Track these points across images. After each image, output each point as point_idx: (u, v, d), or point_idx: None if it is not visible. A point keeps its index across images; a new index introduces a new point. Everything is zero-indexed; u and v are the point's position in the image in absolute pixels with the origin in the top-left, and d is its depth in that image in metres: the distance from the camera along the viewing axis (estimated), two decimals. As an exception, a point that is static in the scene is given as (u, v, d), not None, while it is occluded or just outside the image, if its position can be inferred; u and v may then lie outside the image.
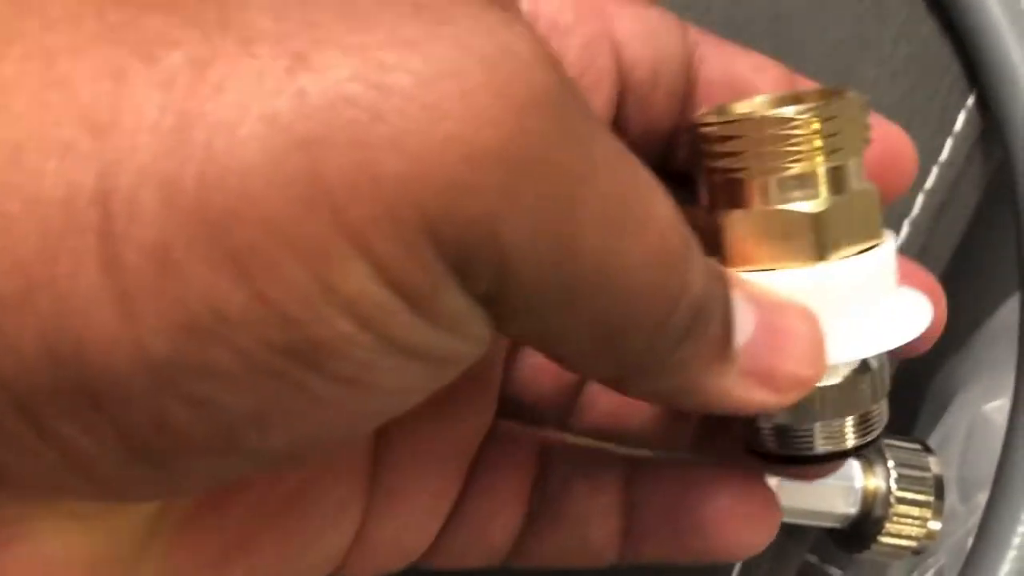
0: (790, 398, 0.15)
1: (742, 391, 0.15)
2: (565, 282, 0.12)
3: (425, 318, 0.11)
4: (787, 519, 0.27)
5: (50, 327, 0.10)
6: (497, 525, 0.19)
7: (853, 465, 0.27)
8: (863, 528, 0.27)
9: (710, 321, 0.14)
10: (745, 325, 0.15)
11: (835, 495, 0.26)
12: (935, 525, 0.26)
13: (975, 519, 0.30)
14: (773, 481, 0.20)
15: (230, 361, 0.11)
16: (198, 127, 0.10)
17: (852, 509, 0.26)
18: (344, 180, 0.10)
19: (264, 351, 0.11)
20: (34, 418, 0.11)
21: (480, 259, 0.11)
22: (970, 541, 0.29)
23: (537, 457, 0.19)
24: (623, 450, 0.20)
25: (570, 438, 0.20)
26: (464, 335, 0.12)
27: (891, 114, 0.31)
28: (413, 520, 0.18)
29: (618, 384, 0.15)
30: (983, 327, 0.37)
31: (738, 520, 0.18)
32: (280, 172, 0.10)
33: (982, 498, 0.30)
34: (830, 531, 0.28)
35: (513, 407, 0.20)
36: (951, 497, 0.30)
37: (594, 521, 0.19)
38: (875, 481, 0.26)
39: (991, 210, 0.34)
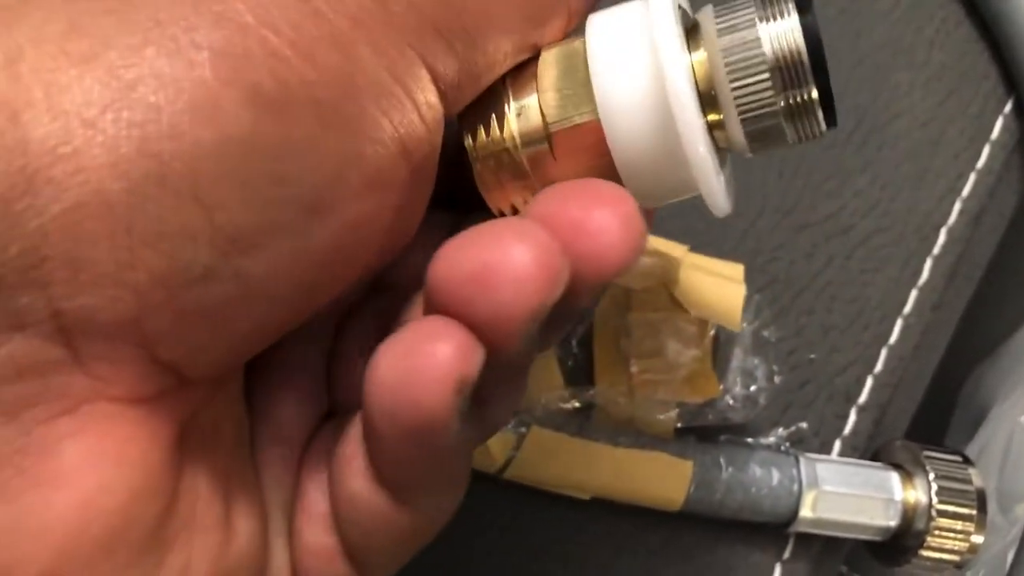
0: None
1: None
2: None
3: (417, 110, 0.14)
4: (826, 531, 0.26)
5: (133, 120, 0.12)
6: (316, 531, 0.17)
7: (893, 477, 0.26)
8: (904, 541, 0.26)
9: None
10: None
11: (875, 507, 0.26)
12: (978, 539, 0.26)
13: (1016, 531, 0.29)
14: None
15: (298, 141, 0.13)
16: None
17: (892, 522, 0.26)
18: None
19: (320, 129, 0.13)
20: (130, 224, 0.13)
21: (433, 40, 0.14)
22: (1011, 555, 0.28)
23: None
24: None
25: None
26: (433, 134, 0.15)
27: (926, 121, 0.31)
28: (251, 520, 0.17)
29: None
30: (1017, 335, 0.37)
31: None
32: None
33: (1021, 510, 0.30)
34: (868, 544, 0.27)
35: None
36: (991, 509, 0.30)
37: None
38: (915, 494, 0.26)
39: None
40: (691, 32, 0.16)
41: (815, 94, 0.15)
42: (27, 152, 0.12)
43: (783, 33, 0.15)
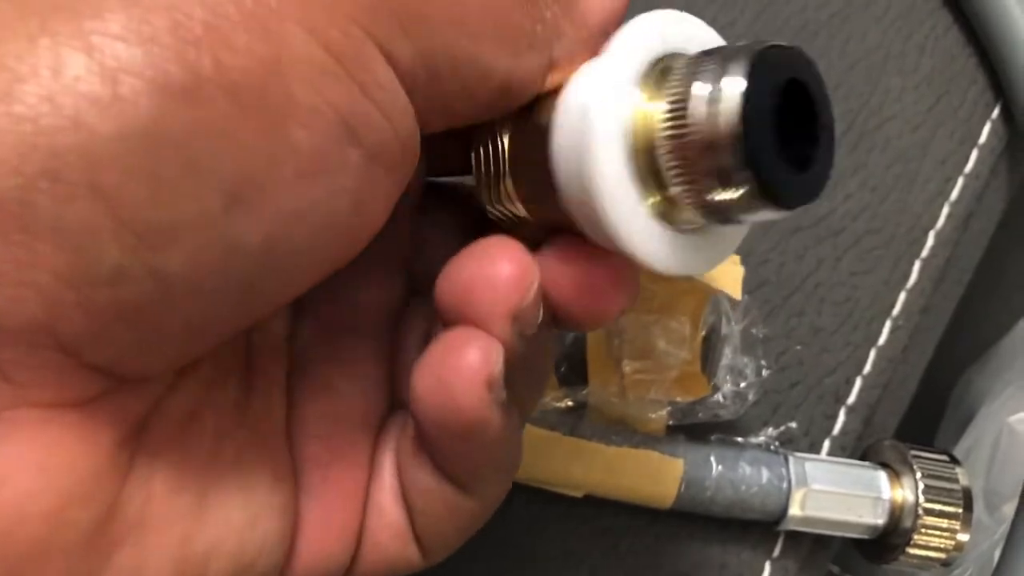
0: None
1: None
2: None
3: (361, 88, 0.14)
4: (815, 529, 0.27)
5: (44, 111, 0.12)
6: (390, 518, 0.18)
7: (881, 476, 0.27)
8: (891, 539, 0.26)
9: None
10: None
11: (863, 506, 0.26)
12: (963, 537, 0.26)
13: (1002, 530, 0.30)
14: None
15: (214, 124, 0.12)
16: None
17: (880, 520, 0.26)
18: None
19: (239, 116, 0.13)
20: (24, 218, 0.12)
21: (386, 19, 0.14)
22: (997, 553, 0.29)
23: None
24: None
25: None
26: (393, 120, 0.14)
27: (916, 125, 0.32)
28: (335, 508, 0.18)
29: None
30: (1006, 338, 0.37)
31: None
32: None
33: (1008, 509, 0.30)
34: (857, 542, 0.28)
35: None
36: (977, 508, 0.30)
37: None
38: (903, 492, 0.26)
39: (1016, 222, 0.34)
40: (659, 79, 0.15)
41: (743, 191, 0.14)
42: None
43: (722, 102, 0.13)
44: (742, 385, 0.27)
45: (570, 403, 0.27)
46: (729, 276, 0.26)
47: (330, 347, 0.19)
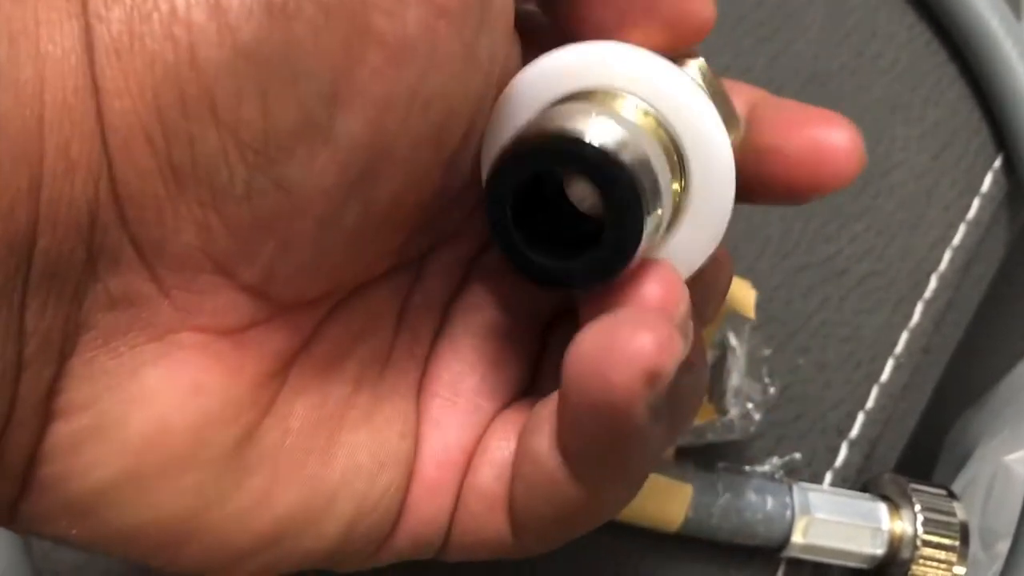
0: None
1: None
2: None
3: None
4: (816, 557, 0.28)
5: (165, 47, 0.13)
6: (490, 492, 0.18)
7: (880, 508, 0.28)
8: (889, 570, 0.27)
9: None
10: None
11: (863, 536, 0.27)
12: (960, 570, 0.27)
13: (996, 567, 0.30)
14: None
15: (304, 30, 0.13)
16: None
17: (879, 550, 0.27)
18: None
19: (323, 15, 0.13)
20: (172, 159, 0.13)
21: None
22: (991, 589, 0.30)
23: None
24: None
25: None
26: None
27: (920, 173, 0.33)
28: (448, 466, 0.18)
29: None
30: (1003, 382, 0.38)
31: None
32: None
33: (1003, 547, 0.31)
34: (856, 572, 0.28)
35: None
36: (974, 545, 0.31)
37: None
38: (902, 524, 0.27)
39: (1014, 270, 0.35)
40: None
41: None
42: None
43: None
44: (749, 406, 0.28)
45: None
46: (743, 297, 0.27)
47: (483, 319, 0.19)
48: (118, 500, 0.15)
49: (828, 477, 0.30)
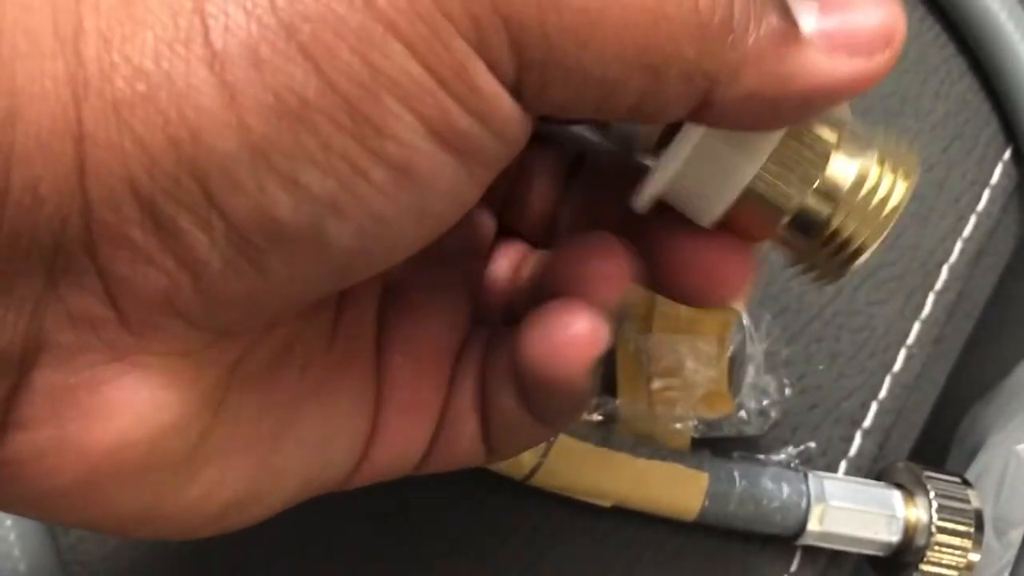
0: (881, 60, 0.15)
1: (828, 66, 0.15)
2: (574, 25, 0.14)
3: (458, 101, 0.14)
4: (831, 544, 0.28)
5: (172, 119, 0.13)
6: (466, 427, 0.20)
7: (896, 495, 0.28)
8: (904, 557, 0.28)
9: (763, 10, 0.15)
10: (806, 5, 0.15)
11: (878, 523, 0.27)
12: (974, 556, 0.27)
13: (1010, 555, 0.31)
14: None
15: (313, 143, 0.13)
16: None
17: (894, 537, 0.27)
18: None
19: (336, 132, 0.13)
20: (156, 217, 0.14)
21: (495, 33, 0.14)
22: (1005, 576, 0.30)
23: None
24: None
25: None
26: (493, 127, 0.14)
27: (931, 166, 0.33)
28: (415, 418, 0.20)
29: (704, 104, 0.15)
30: (1014, 373, 0.38)
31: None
32: None
33: (1016, 535, 0.31)
34: (871, 559, 0.29)
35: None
36: (987, 533, 0.31)
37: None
38: (916, 512, 0.28)
39: (1024, 260, 0.35)
40: None
41: None
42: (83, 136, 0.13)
43: None
44: (765, 403, 0.28)
45: (600, 416, 0.28)
46: None
47: (419, 274, 0.21)
48: (75, 501, 0.15)
49: (843, 466, 0.30)
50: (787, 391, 0.29)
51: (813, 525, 0.27)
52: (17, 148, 0.13)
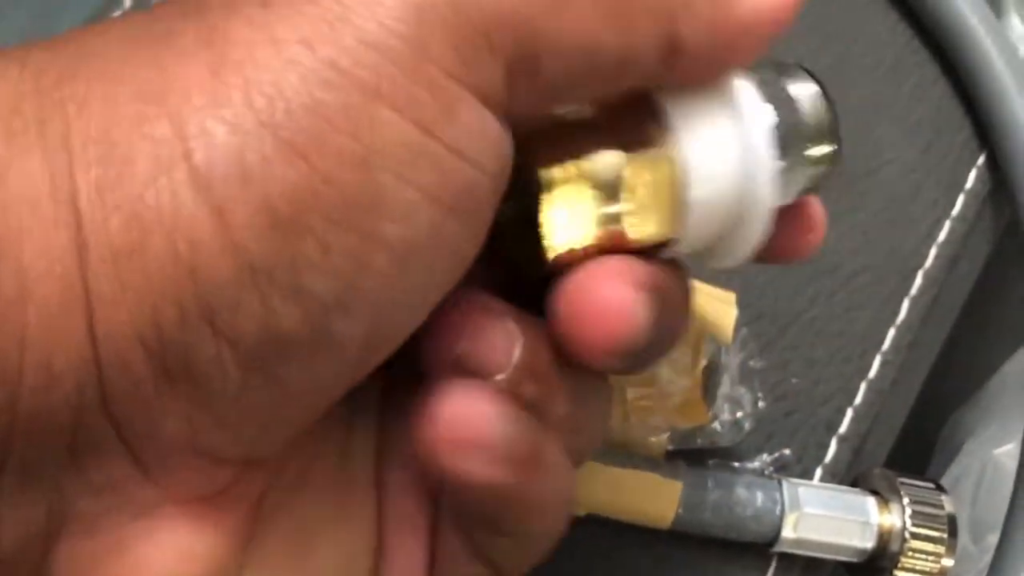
0: None
1: None
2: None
3: (453, 150, 0.14)
4: (806, 551, 0.28)
5: (166, 262, 0.13)
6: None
7: (869, 502, 0.28)
8: (879, 563, 0.28)
9: None
10: None
11: (852, 529, 0.27)
12: (948, 562, 0.27)
13: (987, 559, 0.31)
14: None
15: (311, 247, 0.13)
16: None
17: (868, 544, 0.27)
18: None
19: (333, 230, 0.13)
20: (167, 368, 0.13)
21: (479, 53, 0.14)
22: (982, 580, 0.30)
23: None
24: None
25: None
26: (485, 162, 0.14)
27: (905, 171, 0.33)
28: (414, 535, 0.18)
29: (673, 50, 0.15)
30: (993, 379, 0.38)
31: None
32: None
33: (993, 539, 0.31)
34: (847, 565, 0.29)
35: None
36: (964, 538, 0.31)
37: None
38: (890, 518, 0.28)
39: (1000, 264, 0.35)
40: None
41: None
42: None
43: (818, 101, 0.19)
44: (739, 414, 0.28)
45: (575, 426, 0.28)
46: (721, 319, 0.28)
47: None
48: None
49: (818, 473, 0.30)
50: (760, 403, 0.29)
51: (787, 532, 0.27)
52: (30, 331, 0.12)
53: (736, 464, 0.29)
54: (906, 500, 0.28)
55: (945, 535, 0.27)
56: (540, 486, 0.16)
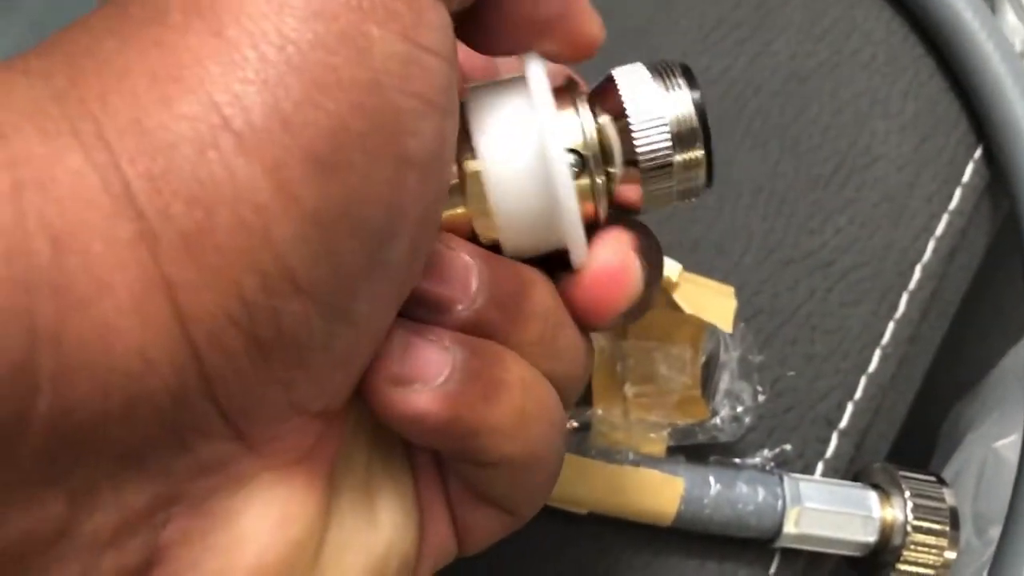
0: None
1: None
2: None
3: (420, 47, 0.14)
4: (808, 546, 0.28)
5: (238, 232, 0.13)
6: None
7: (871, 496, 0.28)
8: (881, 557, 0.28)
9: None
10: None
11: (854, 524, 0.27)
12: (951, 555, 0.27)
13: (990, 552, 0.31)
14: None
15: (357, 183, 0.14)
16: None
17: (871, 538, 0.27)
18: None
19: (371, 160, 0.14)
20: (258, 336, 0.14)
21: None
22: (985, 574, 0.30)
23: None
24: None
25: None
26: (448, 52, 0.15)
27: (902, 165, 0.33)
28: (438, 504, 0.19)
29: None
30: (993, 372, 0.38)
31: None
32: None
33: (995, 532, 0.31)
34: (849, 560, 0.29)
35: None
36: (966, 531, 0.31)
37: None
38: (892, 511, 0.28)
39: (999, 257, 0.35)
40: (594, 96, 0.18)
41: (702, 154, 0.18)
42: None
43: (679, 104, 0.18)
44: (739, 409, 0.29)
45: (575, 424, 0.28)
46: (721, 309, 0.28)
47: None
48: None
49: (819, 468, 0.30)
50: (760, 398, 0.29)
51: (789, 527, 0.27)
52: (113, 320, 0.12)
53: (737, 460, 0.29)
54: (908, 493, 0.28)
55: (947, 528, 0.27)
56: (499, 408, 0.17)
